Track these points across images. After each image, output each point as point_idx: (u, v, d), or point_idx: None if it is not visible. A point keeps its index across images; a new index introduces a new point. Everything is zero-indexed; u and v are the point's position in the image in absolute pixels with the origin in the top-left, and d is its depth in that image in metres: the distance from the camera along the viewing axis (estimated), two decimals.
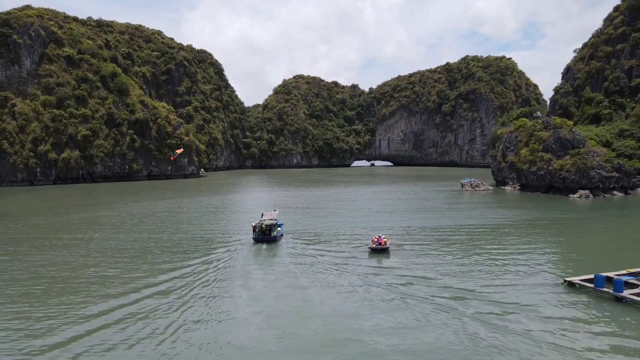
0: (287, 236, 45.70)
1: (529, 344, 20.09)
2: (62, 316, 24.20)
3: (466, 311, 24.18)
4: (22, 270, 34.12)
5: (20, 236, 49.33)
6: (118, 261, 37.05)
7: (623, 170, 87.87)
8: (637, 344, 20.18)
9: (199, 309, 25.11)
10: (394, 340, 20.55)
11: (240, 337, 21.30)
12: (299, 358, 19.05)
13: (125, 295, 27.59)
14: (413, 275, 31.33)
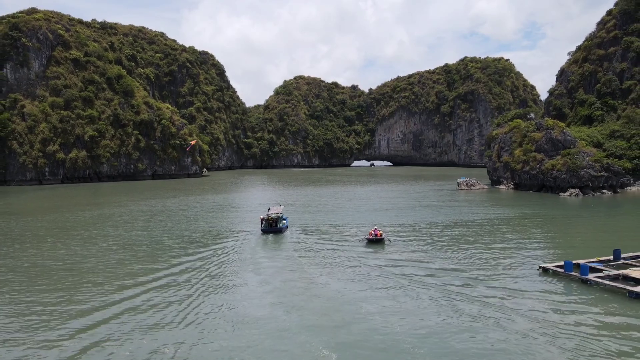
0: (292, 228, 49.61)
1: (503, 314, 23.70)
2: (98, 298, 27.82)
3: (452, 290, 27.82)
4: (53, 261, 37.73)
5: (42, 232, 52.93)
6: (138, 253, 40.69)
7: (612, 170, 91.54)
8: (595, 316, 23.79)
9: (216, 289, 28.75)
10: (388, 312, 24.16)
11: (254, 311, 24.92)
12: (305, 327, 22.62)
13: (147, 280, 31.21)
14: (405, 260, 35.01)
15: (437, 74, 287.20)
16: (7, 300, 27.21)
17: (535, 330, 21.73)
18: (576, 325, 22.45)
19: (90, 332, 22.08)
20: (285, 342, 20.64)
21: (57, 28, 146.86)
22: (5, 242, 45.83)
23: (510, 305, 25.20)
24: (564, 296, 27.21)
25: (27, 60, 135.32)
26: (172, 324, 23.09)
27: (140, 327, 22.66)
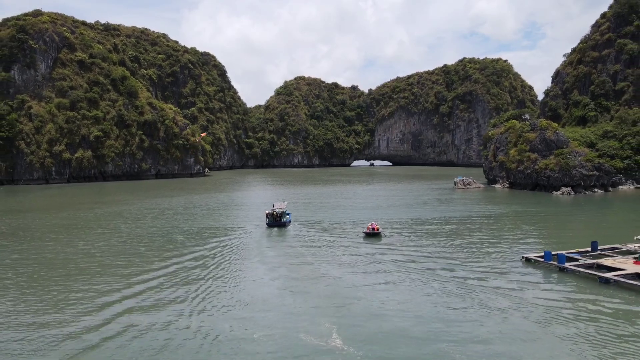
0: (294, 223, 52.75)
1: (487, 295, 26.70)
2: (122, 282, 30.81)
3: (442, 276, 30.85)
4: (74, 253, 40.74)
5: (58, 228, 55.93)
6: (152, 245, 43.70)
7: (603, 169, 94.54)
8: (567, 296, 26.78)
9: (228, 274, 31.78)
10: (383, 295, 27.15)
11: (263, 294, 27.92)
12: (310, 307, 25.58)
13: (163, 266, 34.24)
14: (400, 251, 38.05)
15: (436, 75, 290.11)
16: (40, 286, 30.22)
17: (513, 308, 24.75)
18: (549, 303, 25.45)
19: (119, 308, 25.07)
20: (293, 319, 23.64)
21: (63, 30, 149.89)
22: (27, 237, 48.82)
23: (493, 287, 28.26)
24: (541, 281, 30.25)
25: (34, 62, 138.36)
26: (190, 301, 26.11)
27: (162, 304, 25.69)
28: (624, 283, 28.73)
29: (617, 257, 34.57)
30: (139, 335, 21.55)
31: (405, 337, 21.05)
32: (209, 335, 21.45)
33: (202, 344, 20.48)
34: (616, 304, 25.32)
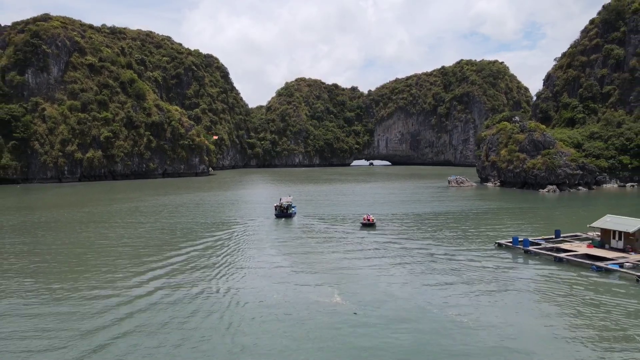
0: (299, 215, 59.01)
1: (463, 271, 32.83)
2: (154, 264, 36.96)
3: (427, 257, 37.00)
4: (107, 241, 46.87)
5: (85, 221, 62.04)
6: (174, 234, 49.83)
7: (587, 169, 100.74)
8: (526, 271, 32.92)
9: (244, 255, 37.95)
10: (377, 272, 33.27)
11: (274, 271, 34.05)
12: (315, 281, 31.66)
13: (188, 250, 40.38)
14: (391, 238, 44.22)
15: (434, 76, 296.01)
16: (83, 266, 36.37)
17: (482, 280, 30.87)
18: (512, 275, 31.62)
19: (153, 284, 31.21)
20: (302, 285, 29.78)
21: (74, 35, 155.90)
22: (60, 229, 54.95)
23: (468, 265, 34.38)
24: (507, 260, 36.43)
25: (47, 65, 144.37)
26: (218, 272, 32.26)
27: (190, 276, 31.87)
28: (574, 261, 34.93)
29: (574, 242, 40.75)
30: (180, 297, 27.70)
31: (391, 297, 27.22)
32: (234, 297, 27.61)
33: (229, 304, 26.59)
34: (564, 276, 31.54)
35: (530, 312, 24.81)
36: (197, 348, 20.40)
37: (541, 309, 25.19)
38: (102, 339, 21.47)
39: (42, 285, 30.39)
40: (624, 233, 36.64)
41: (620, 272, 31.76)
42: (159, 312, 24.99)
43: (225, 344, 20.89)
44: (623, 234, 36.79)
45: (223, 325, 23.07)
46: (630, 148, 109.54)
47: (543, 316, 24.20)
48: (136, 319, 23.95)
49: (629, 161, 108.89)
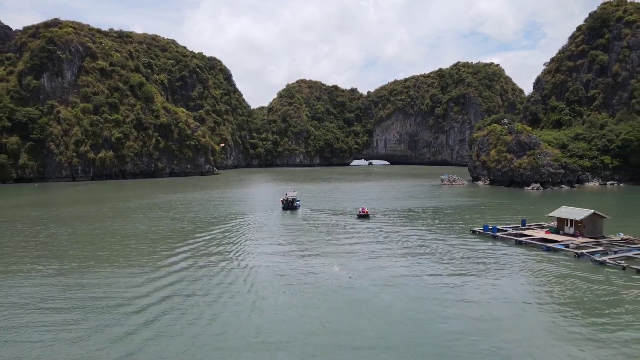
0: (303, 207, 66.73)
1: (441, 251, 40.41)
2: (182, 248, 44.55)
3: (413, 242, 44.60)
4: (139, 232, 54.47)
5: (112, 214, 69.63)
6: (193, 224, 57.41)
7: (568, 168, 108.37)
8: (491, 252, 40.48)
9: (257, 240, 45.54)
10: (371, 255, 40.84)
11: (284, 250, 41.64)
12: (318, 257, 39.21)
13: (209, 236, 47.98)
14: (383, 227, 51.84)
15: (431, 78, 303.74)
16: (127, 249, 43.97)
17: (453, 256, 38.45)
18: (478, 253, 39.22)
19: (186, 259, 38.81)
20: (308, 263, 37.37)
21: (86, 41, 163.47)
22: (94, 221, 62.52)
23: (444, 246, 42.02)
24: (476, 242, 44.05)
25: (61, 70, 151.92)
26: (237, 250, 39.85)
27: (215, 254, 39.48)
28: (530, 243, 42.58)
29: (536, 229, 48.39)
30: (210, 268, 35.31)
31: (378, 268, 34.82)
32: (253, 269, 35.19)
33: (249, 273, 34.13)
34: (520, 254, 39.17)
35: (487, 277, 32.37)
36: (228, 302, 27.92)
37: (496, 275, 32.78)
38: (153, 298, 29.09)
39: (97, 263, 38.03)
40: (574, 221, 44.26)
41: (564, 251, 39.37)
42: (194, 281, 32.58)
43: (250, 300, 28.42)
44: (573, 222, 44.40)
45: (246, 287, 30.53)
46: (611, 149, 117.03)
47: (496, 278, 31.78)
48: (177, 285, 31.54)
49: (610, 161, 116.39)
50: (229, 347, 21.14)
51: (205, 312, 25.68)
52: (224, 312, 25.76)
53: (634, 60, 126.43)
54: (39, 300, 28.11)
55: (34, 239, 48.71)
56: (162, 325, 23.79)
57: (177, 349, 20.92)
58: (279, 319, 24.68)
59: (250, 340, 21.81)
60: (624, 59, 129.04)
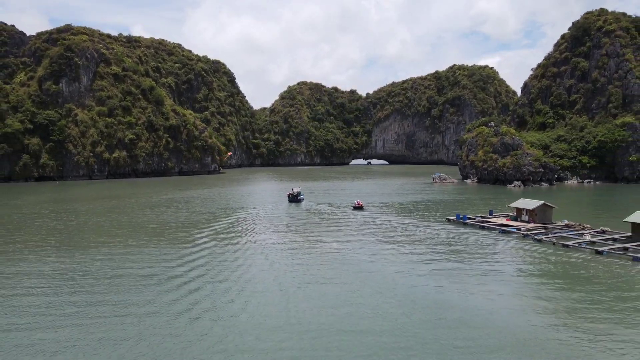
0: (306, 200, 77.13)
1: (421, 234, 50.63)
2: (204, 232, 54.79)
3: (398, 225, 54.83)
4: (172, 220, 64.70)
5: (141, 207, 79.78)
6: (211, 215, 67.61)
7: (548, 167, 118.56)
8: (459, 233, 50.66)
9: (268, 226, 55.81)
10: (364, 239, 51.07)
11: (291, 233, 51.86)
12: (319, 238, 49.36)
13: (227, 223, 58.20)
14: (374, 216, 62.12)
15: (428, 80, 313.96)
16: (165, 232, 54.20)
17: (427, 237, 48.68)
18: (449, 235, 49.47)
19: (211, 240, 49.02)
20: (310, 241, 47.59)
21: (100, 47, 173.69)
22: (126, 212, 72.69)
23: (421, 230, 52.32)
24: (448, 227, 54.31)
25: (78, 75, 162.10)
26: (251, 234, 50.09)
27: (234, 235, 49.71)
28: (491, 227, 52.84)
29: (499, 217, 58.65)
30: (231, 245, 45.53)
31: (367, 244, 45.05)
32: (266, 246, 45.41)
33: (264, 248, 44.34)
34: (480, 235, 49.41)
35: (451, 251, 42.57)
36: (248, 269, 38.05)
37: (458, 248, 42.99)
38: (191, 265, 39.34)
39: (144, 242, 48.24)
40: (528, 210, 54.48)
41: (516, 233, 49.62)
42: (224, 253, 42.80)
43: (268, 264, 38.58)
44: (528, 211, 54.63)
45: (262, 257, 40.59)
46: (589, 149, 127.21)
47: (456, 251, 41.99)
48: (210, 256, 41.77)
49: (588, 161, 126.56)
50: (261, 291, 31.28)
51: (236, 274, 35.85)
52: (251, 273, 35.94)
53: (612, 68, 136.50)
54: (104, 268, 38.30)
55: (84, 226, 58.92)
56: (201, 284, 34.00)
57: (221, 296, 31.04)
58: (292, 274, 34.81)
59: (270, 283, 31.98)
60: (603, 66, 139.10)
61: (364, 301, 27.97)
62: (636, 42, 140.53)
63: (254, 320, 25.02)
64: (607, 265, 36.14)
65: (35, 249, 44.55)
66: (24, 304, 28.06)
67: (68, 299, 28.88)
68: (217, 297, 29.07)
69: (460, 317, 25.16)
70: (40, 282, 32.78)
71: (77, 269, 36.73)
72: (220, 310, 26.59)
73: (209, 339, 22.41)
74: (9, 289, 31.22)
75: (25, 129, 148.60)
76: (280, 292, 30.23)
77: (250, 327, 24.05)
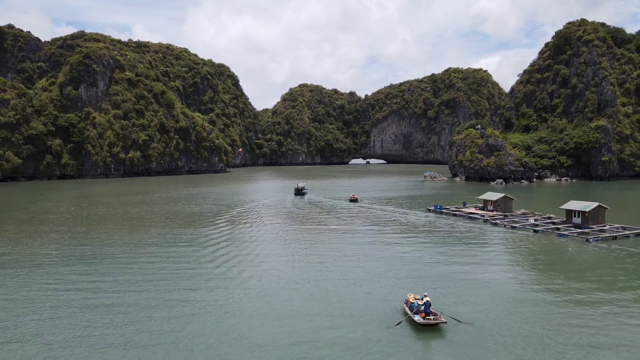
0: (309, 194, 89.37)
1: (406, 219, 62.74)
2: (225, 216, 66.90)
3: (387, 213, 66.92)
4: (193, 209, 76.77)
5: (166, 201, 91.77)
6: (228, 206, 79.68)
7: (527, 166, 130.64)
8: (435, 220, 62.74)
9: (275, 214, 67.96)
10: (359, 226, 63.13)
11: (296, 219, 63.96)
12: (319, 222, 61.36)
13: (243, 209, 70.28)
14: (367, 207, 74.27)
15: (424, 83, 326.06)
16: (191, 219, 66.28)
17: (409, 223, 60.77)
18: (428, 220, 61.60)
19: (228, 224, 61.11)
20: (313, 224, 59.72)
21: (115, 54, 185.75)
22: (156, 205, 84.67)
23: (406, 217, 64.48)
24: (427, 216, 66.45)
25: (95, 81, 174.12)
26: (261, 220, 62.18)
27: (248, 220, 61.77)
28: (461, 215, 64.95)
29: (470, 207, 70.79)
30: (245, 227, 57.63)
31: (360, 226, 57.18)
32: (276, 230, 57.48)
33: (275, 231, 56.40)
34: (452, 222, 61.56)
35: (425, 232, 54.64)
36: (265, 242, 50.07)
37: (431, 230, 55.05)
38: (220, 240, 51.43)
39: (179, 228, 60.33)
40: (492, 201, 66.56)
41: (479, 219, 61.71)
42: (243, 233, 54.89)
43: (279, 241, 50.66)
44: (492, 202, 66.71)
45: (273, 234, 52.64)
46: (567, 150, 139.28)
47: (430, 232, 54.07)
48: (234, 235, 53.83)
49: (565, 160, 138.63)
50: (278, 254, 43.25)
51: (256, 245, 47.94)
52: (269, 244, 48.02)
53: (589, 75, 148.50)
54: (141, 246, 50.31)
55: (130, 215, 70.94)
56: (224, 254, 46.07)
57: (248, 262, 43.02)
58: (299, 245, 46.81)
59: (283, 250, 43.98)
60: (581, 73, 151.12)
61: (354, 261, 39.98)
62: (612, 51, 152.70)
63: (273, 268, 37.03)
64: (539, 239, 48.18)
65: (110, 231, 56.55)
66: (120, 272, 40.09)
67: (145, 262, 40.90)
68: (245, 262, 41.13)
69: (416, 267, 37.15)
70: (120, 250, 44.78)
71: (145, 242, 48.73)
72: (249, 267, 38.61)
73: (247, 280, 34.36)
74: (103, 265, 43.26)
75: (48, 131, 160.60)
76: (292, 255, 42.18)
77: (271, 272, 36.04)
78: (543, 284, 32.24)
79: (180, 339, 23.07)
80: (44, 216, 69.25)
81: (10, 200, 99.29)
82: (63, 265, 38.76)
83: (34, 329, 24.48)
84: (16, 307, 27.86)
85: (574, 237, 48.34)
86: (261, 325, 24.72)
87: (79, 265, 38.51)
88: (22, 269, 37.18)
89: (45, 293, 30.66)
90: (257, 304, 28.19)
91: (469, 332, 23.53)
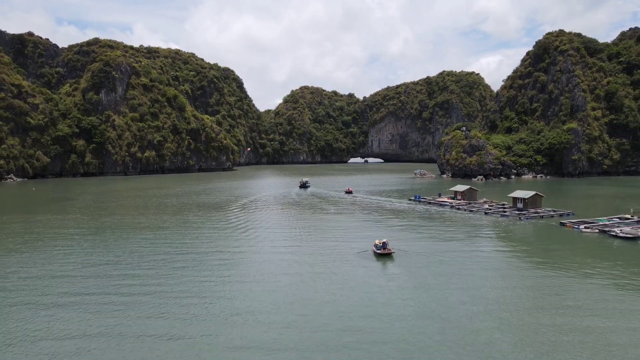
0: (312, 187, 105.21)
1: (391, 206, 78.47)
2: (239, 204, 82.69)
3: (380, 203, 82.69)
4: (213, 200, 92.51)
5: (188, 195, 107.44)
6: (242, 198, 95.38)
7: (505, 164, 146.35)
8: (414, 207, 78.44)
9: (282, 203, 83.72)
10: (354, 215, 78.85)
11: (298, 207, 79.69)
12: (319, 209, 77.12)
13: (252, 200, 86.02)
14: (360, 198, 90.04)
15: (420, 85, 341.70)
16: (210, 207, 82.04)
17: (394, 209, 76.53)
18: (408, 207, 77.37)
19: (241, 212, 76.82)
20: (315, 211, 75.49)
21: (131, 61, 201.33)
22: (183, 197, 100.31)
23: (390, 204, 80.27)
24: (410, 204, 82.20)
25: (114, 87, 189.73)
26: (268, 207, 77.92)
27: (258, 208, 77.50)
28: (434, 203, 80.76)
29: (444, 197, 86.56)
30: (256, 214, 73.41)
31: (354, 212, 72.97)
32: (283, 216, 73.24)
33: (282, 217, 72.12)
34: (426, 208, 77.37)
35: (403, 216, 70.35)
36: (276, 223, 65.81)
37: (408, 215, 70.77)
38: (238, 219, 67.23)
39: (205, 213, 76.07)
40: (460, 192, 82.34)
41: (448, 206, 77.43)
42: (255, 217, 70.57)
43: (286, 222, 66.37)
44: (460, 192, 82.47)
45: (280, 217, 68.27)
46: (542, 150, 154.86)
47: (406, 216, 69.77)
48: (248, 218, 69.58)
49: (541, 159, 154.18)
50: (286, 229, 58.88)
51: (267, 226, 63.62)
52: (278, 224, 63.69)
53: (563, 82, 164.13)
54: (184, 227, 65.95)
55: (158, 205, 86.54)
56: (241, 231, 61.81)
57: (262, 237, 58.64)
58: (304, 224, 62.42)
59: (290, 228, 59.56)
60: (557, 80, 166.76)
61: (347, 233, 55.66)
62: (585, 60, 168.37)
63: (283, 244, 52.71)
64: (486, 219, 63.89)
65: (167, 214, 72.20)
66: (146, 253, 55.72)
67: (177, 243, 56.57)
68: (260, 237, 56.89)
69: (389, 232, 52.85)
70: (160, 234, 60.40)
71: (190, 221, 64.41)
72: (261, 242, 54.37)
73: (272, 241, 49.97)
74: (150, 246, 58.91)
75: (72, 132, 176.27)
76: (298, 232, 57.87)
77: (280, 246, 51.66)
78: (469, 240, 48.03)
79: (221, 292, 38.82)
80: (100, 204, 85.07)
81: (58, 193, 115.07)
82: (164, 230, 54.58)
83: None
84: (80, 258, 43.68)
85: (512, 217, 64.12)
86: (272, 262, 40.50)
87: (172, 237, 54.32)
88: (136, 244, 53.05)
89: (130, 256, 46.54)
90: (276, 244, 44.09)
91: (409, 257, 39.35)
